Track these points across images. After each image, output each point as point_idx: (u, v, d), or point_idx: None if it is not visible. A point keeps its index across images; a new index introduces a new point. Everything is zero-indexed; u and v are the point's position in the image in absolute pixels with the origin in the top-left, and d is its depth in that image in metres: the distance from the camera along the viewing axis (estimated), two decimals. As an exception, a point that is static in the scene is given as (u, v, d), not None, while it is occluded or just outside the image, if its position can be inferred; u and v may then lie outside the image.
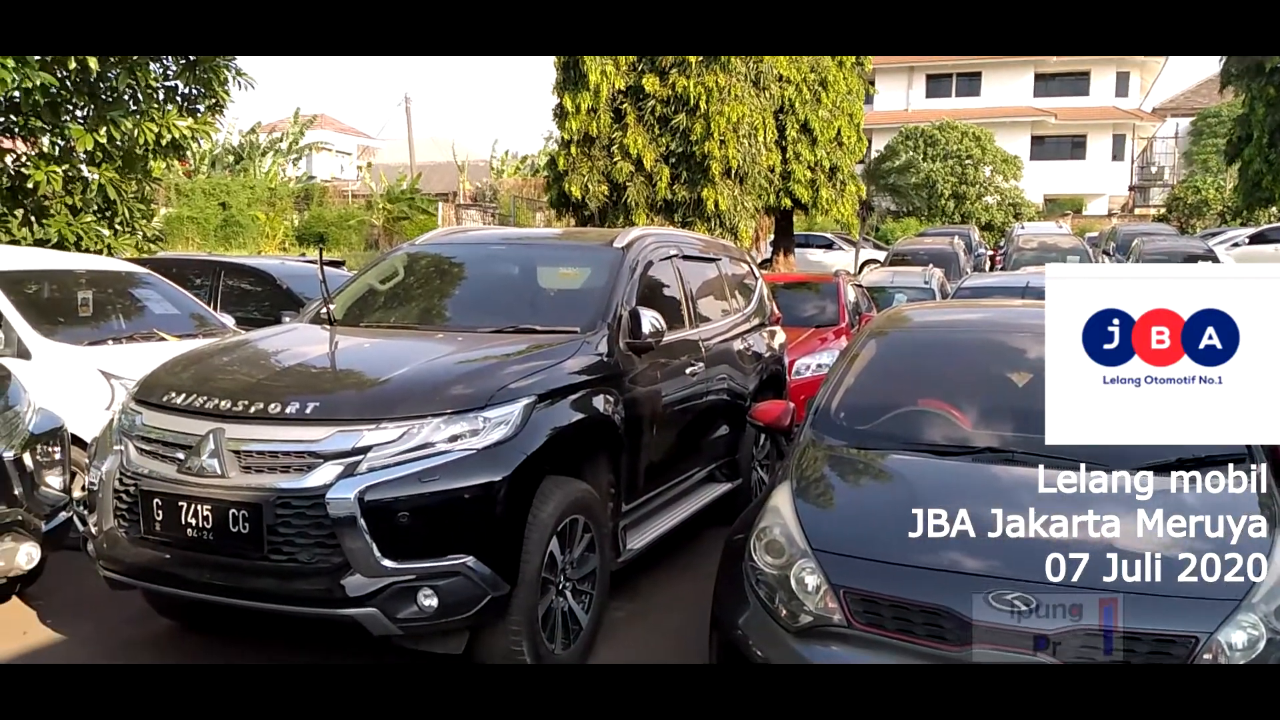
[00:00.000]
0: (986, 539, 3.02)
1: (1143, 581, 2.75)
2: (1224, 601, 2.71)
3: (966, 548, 2.93)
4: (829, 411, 3.84)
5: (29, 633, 4.33)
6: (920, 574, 2.83)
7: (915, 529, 3.00)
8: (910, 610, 2.76)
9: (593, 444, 4.18)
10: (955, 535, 3.00)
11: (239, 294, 8.30)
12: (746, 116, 14.91)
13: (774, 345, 6.61)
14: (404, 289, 5.23)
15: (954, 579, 2.80)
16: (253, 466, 3.43)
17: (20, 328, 5.50)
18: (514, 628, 3.58)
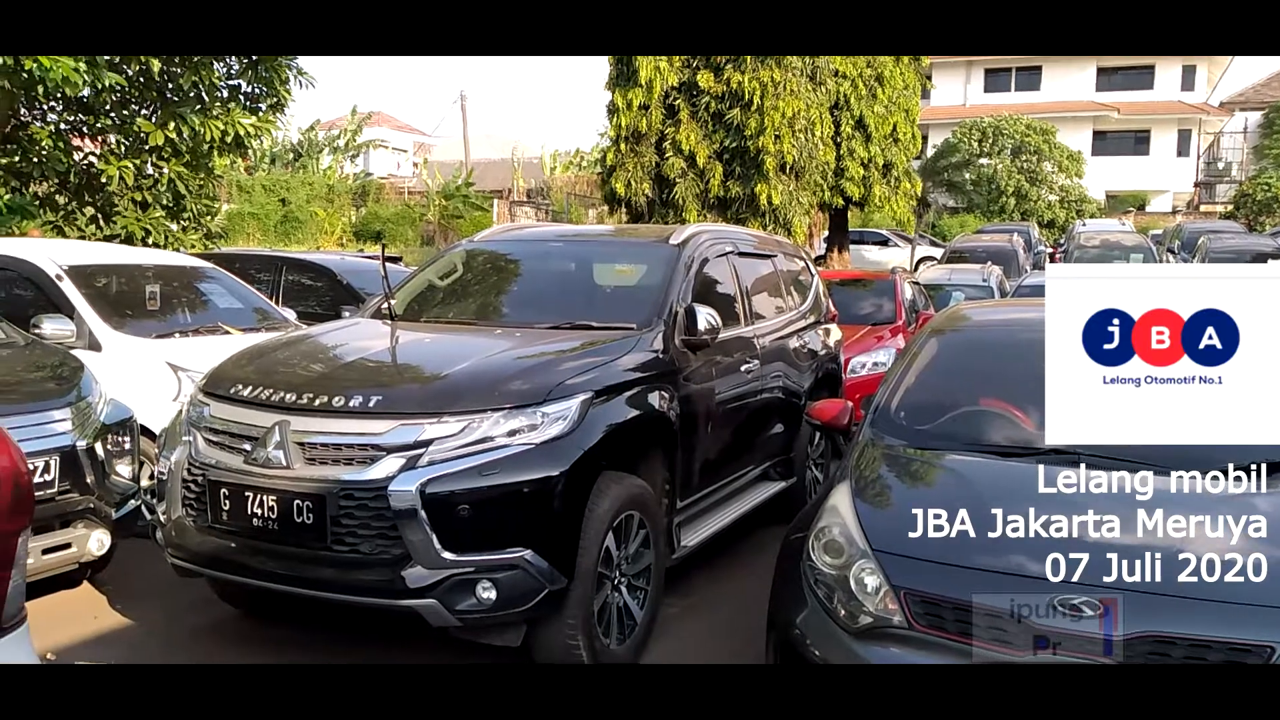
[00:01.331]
0: (1049, 540, 2.97)
1: (1215, 586, 2.68)
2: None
3: (1031, 550, 2.88)
4: (889, 410, 3.80)
5: (99, 617, 4.45)
6: (984, 576, 2.78)
7: (978, 530, 2.96)
8: (973, 613, 2.71)
9: (648, 440, 4.19)
10: (1020, 537, 2.95)
11: (300, 289, 8.44)
12: (802, 111, 14.80)
13: (830, 343, 6.56)
14: (463, 285, 5.28)
15: (1018, 582, 2.75)
16: (317, 458, 3.49)
17: (91, 321, 5.65)
18: (570, 621, 3.60)
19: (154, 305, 6.17)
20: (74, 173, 11.37)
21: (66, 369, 4.69)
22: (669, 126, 15.14)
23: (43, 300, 5.74)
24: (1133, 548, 3.00)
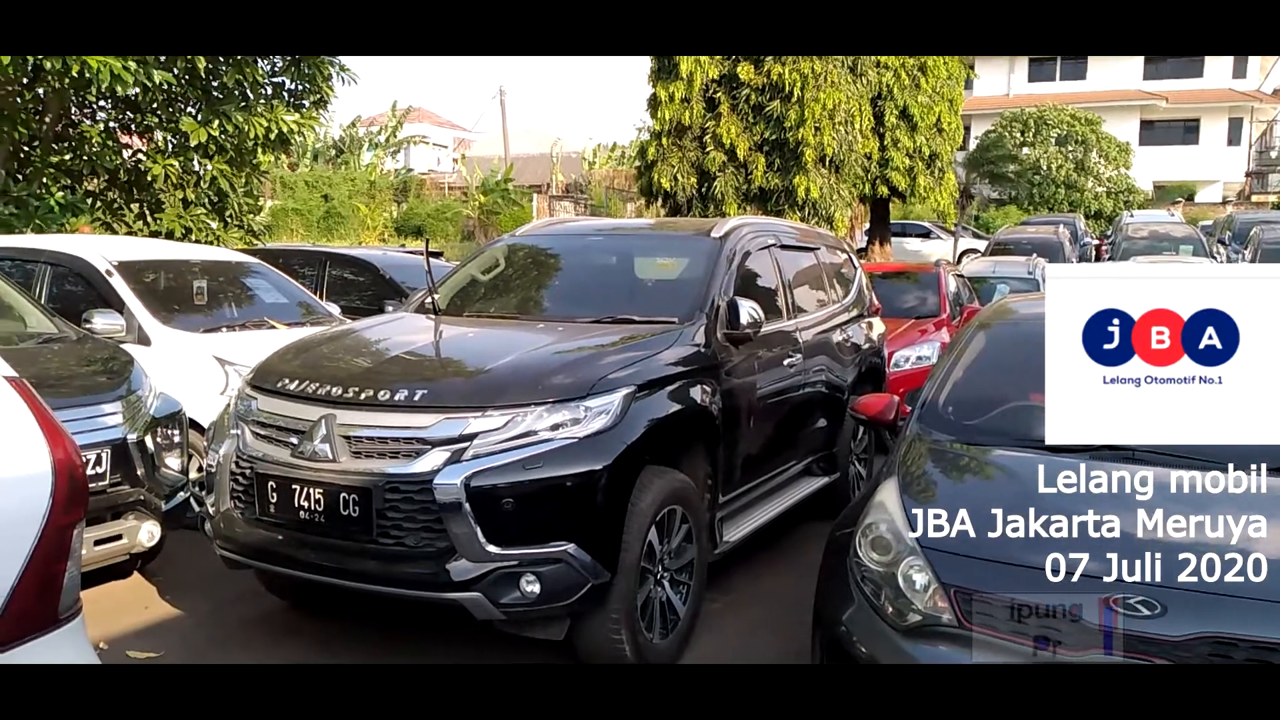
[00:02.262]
0: (1105, 539, 2.91)
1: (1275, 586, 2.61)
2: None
3: (1085, 548, 2.82)
4: (936, 405, 3.74)
5: (149, 608, 4.53)
6: (1037, 574, 2.72)
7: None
8: (1025, 612, 2.66)
9: (690, 435, 4.17)
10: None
11: (343, 283, 8.53)
12: (843, 103, 14.65)
13: (873, 336, 6.49)
14: (505, 279, 5.29)
15: (1072, 580, 2.69)
16: (363, 452, 3.51)
17: (141, 315, 5.75)
18: (614, 616, 3.59)
19: (201, 300, 6.26)
20: (123, 170, 11.58)
21: (117, 363, 4.76)
22: (709, 119, 15.07)
23: (93, 295, 5.84)
24: (1187, 546, 2.93)
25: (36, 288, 5.93)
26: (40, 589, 1.79)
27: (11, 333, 4.86)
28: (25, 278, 5.93)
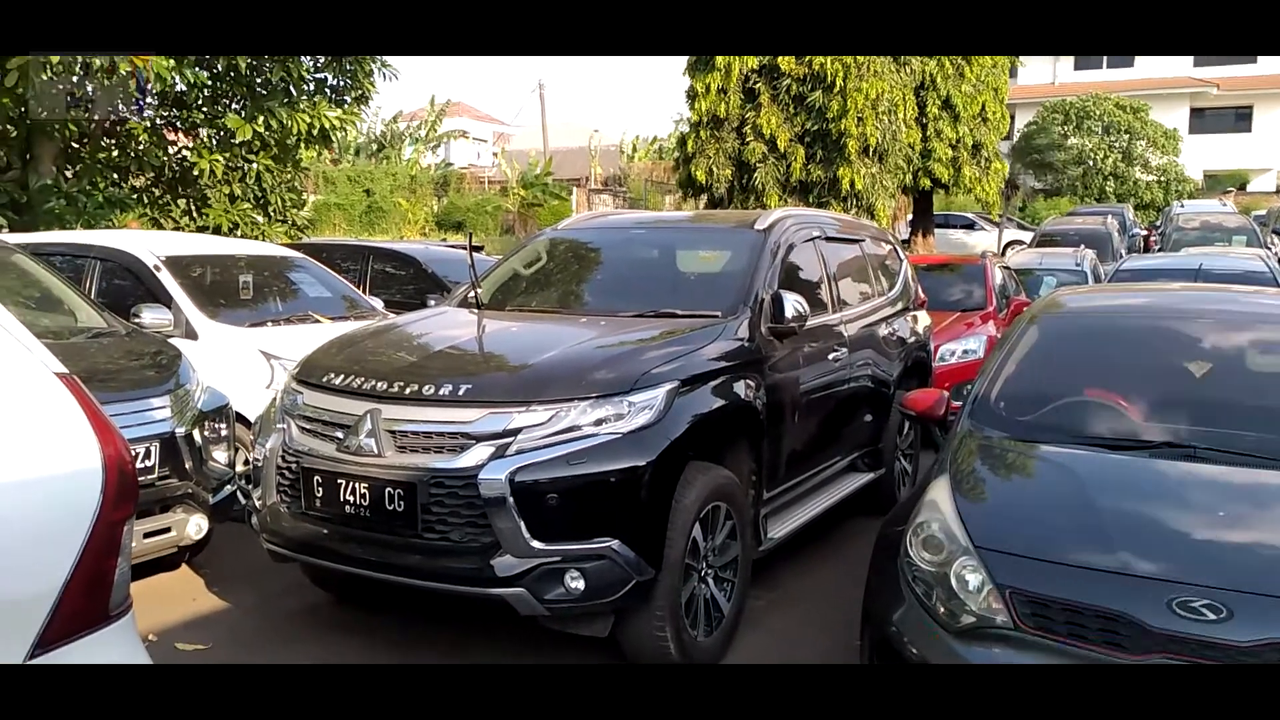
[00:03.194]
0: (1168, 541, 2.82)
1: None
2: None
3: (1146, 549, 2.74)
4: (988, 401, 3.66)
5: (197, 600, 4.57)
6: (1096, 576, 2.65)
7: (1089, 528, 2.83)
8: (1085, 615, 2.58)
9: (734, 430, 4.12)
10: (1133, 535, 2.81)
11: (386, 277, 8.58)
12: (886, 93, 14.46)
13: (919, 330, 6.39)
14: (547, 273, 5.27)
15: (1133, 583, 2.61)
16: (408, 446, 3.51)
17: (188, 310, 5.81)
18: (658, 613, 3.56)
19: (247, 294, 6.32)
20: (169, 166, 11.75)
21: (165, 357, 4.81)
22: (749, 110, 14.94)
23: (141, 290, 5.91)
24: (1254, 547, 2.84)
25: (86, 282, 6.01)
26: (91, 586, 1.79)
27: (62, 327, 4.93)
28: (75, 272, 6.02)
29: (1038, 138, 31.42)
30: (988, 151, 16.89)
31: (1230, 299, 4.51)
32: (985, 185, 17.10)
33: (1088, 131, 30.81)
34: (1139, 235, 21.41)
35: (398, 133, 32.57)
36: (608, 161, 34.13)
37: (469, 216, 26.78)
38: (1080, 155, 30.60)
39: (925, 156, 16.22)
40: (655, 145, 35.93)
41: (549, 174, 29.77)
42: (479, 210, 27.50)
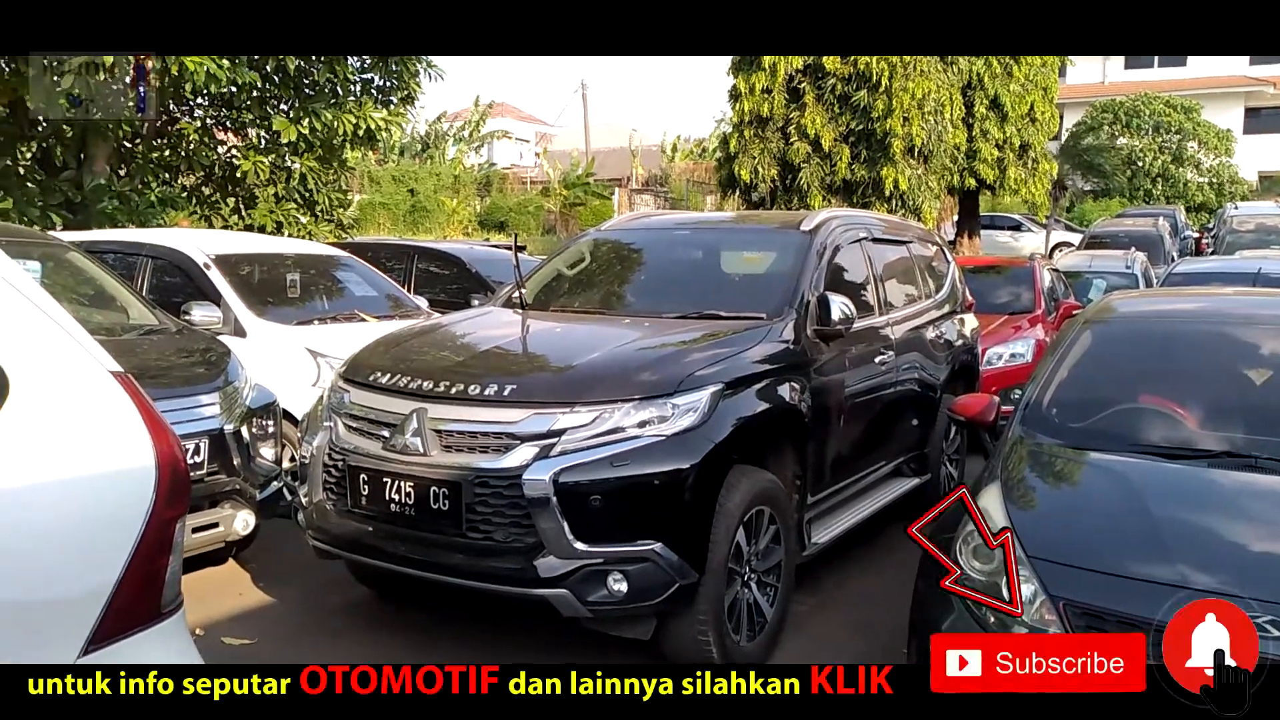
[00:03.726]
0: (1229, 553, 2.74)
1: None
2: None
3: (1205, 562, 2.66)
4: (1040, 406, 3.58)
5: (243, 594, 4.63)
6: (1153, 589, 2.57)
7: (1146, 539, 2.76)
8: (1141, 629, 2.51)
9: (778, 434, 4.08)
10: (1192, 547, 2.73)
11: (430, 276, 8.63)
12: (932, 92, 14.28)
13: (966, 333, 6.30)
14: (590, 274, 5.27)
15: (1192, 597, 2.53)
16: (453, 446, 3.52)
17: (237, 308, 5.88)
18: (701, 617, 3.54)
19: (294, 293, 6.39)
20: (217, 166, 11.94)
21: (214, 354, 4.87)
22: (793, 110, 14.84)
23: (191, 288, 6.00)
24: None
25: (138, 280, 6.11)
26: (143, 584, 1.80)
27: (115, 324, 5.01)
28: (127, 270, 6.12)
29: (1086, 138, 30.87)
30: (1035, 152, 16.62)
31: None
32: (1032, 186, 16.82)
33: (1137, 131, 30.23)
34: (1191, 238, 20.95)
35: (441, 133, 32.82)
36: (649, 161, 34.12)
37: (511, 216, 26.93)
38: (1130, 156, 30.03)
39: (971, 157, 15.99)
40: (699, 146, 35.82)
41: (590, 174, 29.84)
42: (521, 210, 27.65)
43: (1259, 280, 7.42)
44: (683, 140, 36.24)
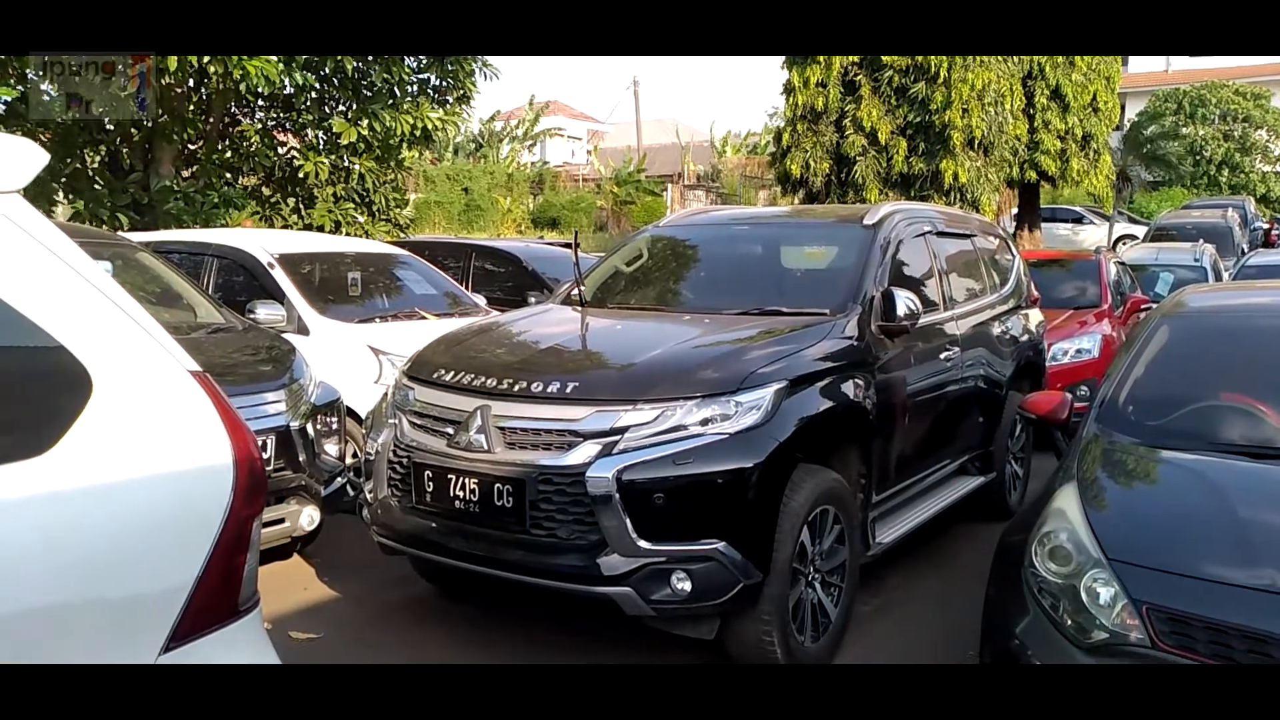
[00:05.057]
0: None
1: None
2: None
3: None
4: (1116, 404, 3.48)
5: (308, 589, 4.69)
6: (1241, 594, 2.49)
7: (1232, 541, 2.66)
8: (1230, 634, 2.43)
9: (843, 432, 4.02)
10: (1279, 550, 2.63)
11: (487, 274, 8.67)
12: (992, 83, 14.00)
13: (1031, 328, 6.16)
14: (649, 271, 5.24)
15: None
16: (517, 443, 3.52)
17: (300, 306, 5.96)
18: (765, 617, 3.50)
19: (355, 291, 6.45)
20: (278, 167, 12.12)
21: (279, 352, 4.94)
22: (849, 103, 14.66)
23: (255, 286, 6.10)
24: None
25: (204, 279, 6.23)
26: (222, 582, 1.82)
27: (182, 322, 5.10)
28: (194, 269, 6.24)
29: (1150, 127, 30.10)
30: (1097, 143, 16.20)
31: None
32: (1094, 178, 16.42)
33: (1202, 120, 29.39)
34: (1261, 229, 20.32)
35: (495, 131, 33.04)
36: (700, 157, 33.99)
37: (564, 214, 27.02)
38: (1194, 145, 29.20)
39: (1032, 148, 15.65)
40: (747, 140, 35.56)
41: (642, 170, 29.82)
42: (573, 208, 27.73)
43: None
44: (733, 135, 36.04)
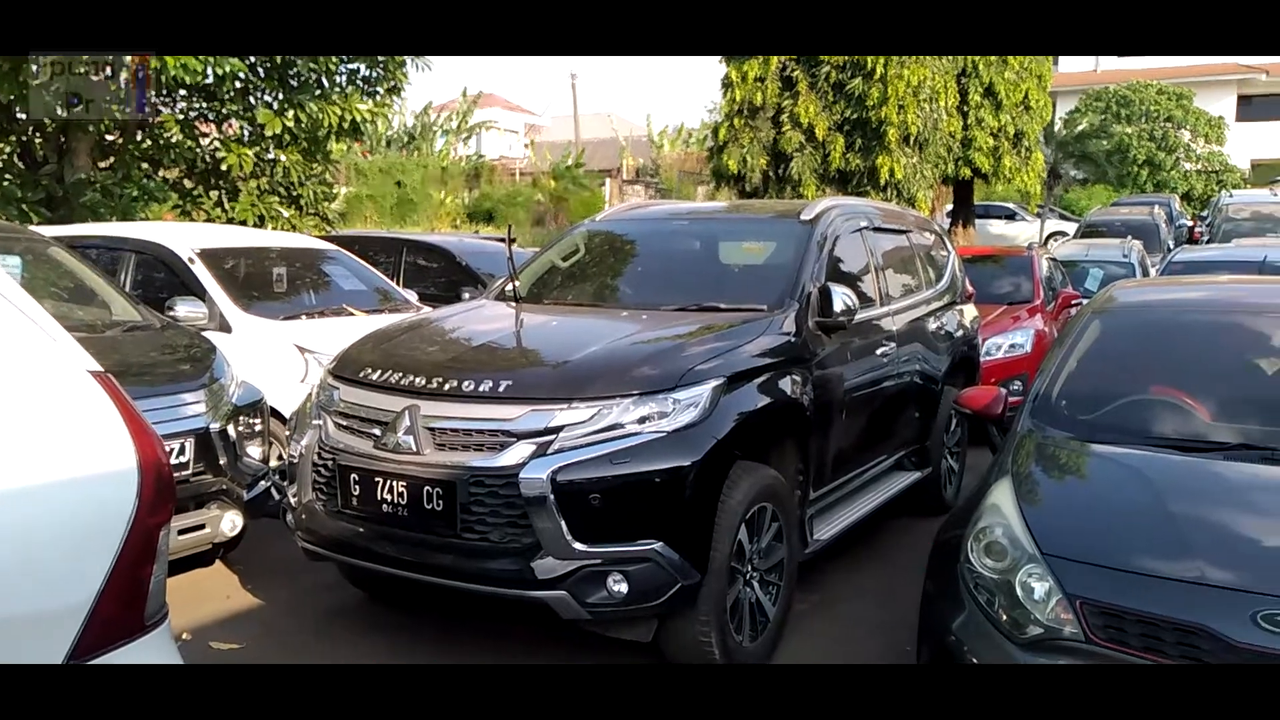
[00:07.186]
0: (1250, 549, 2.67)
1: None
2: None
3: (1225, 559, 2.59)
4: (1049, 399, 3.50)
5: (231, 597, 4.52)
6: (1173, 587, 2.50)
7: (1164, 535, 2.67)
8: (1162, 627, 2.43)
9: (781, 428, 3.99)
10: (1212, 543, 2.65)
11: (419, 270, 8.50)
12: (927, 80, 14.16)
13: (966, 324, 6.21)
14: (586, 266, 5.16)
15: (1213, 594, 2.46)
16: (447, 444, 3.41)
17: (222, 303, 5.75)
18: (703, 617, 3.45)
19: (281, 287, 6.26)
20: (200, 159, 11.75)
21: (199, 351, 4.76)
22: (786, 99, 14.71)
23: (176, 283, 5.88)
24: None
25: (121, 275, 5.99)
26: (126, 595, 1.71)
27: (97, 320, 4.89)
28: (110, 265, 5.99)
29: (1079, 126, 30.88)
30: (1029, 141, 16.53)
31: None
32: (1025, 175, 16.74)
33: (1129, 119, 30.24)
34: (1185, 226, 20.94)
35: (429, 124, 32.60)
36: (639, 152, 33.95)
37: (500, 208, 26.74)
38: (1121, 144, 30.04)
39: (966, 145, 15.90)
40: (682, 133, 35.55)
41: (580, 165, 29.67)
42: (510, 202, 27.45)
43: (1265, 268, 7.35)
44: (672, 130, 36.04)
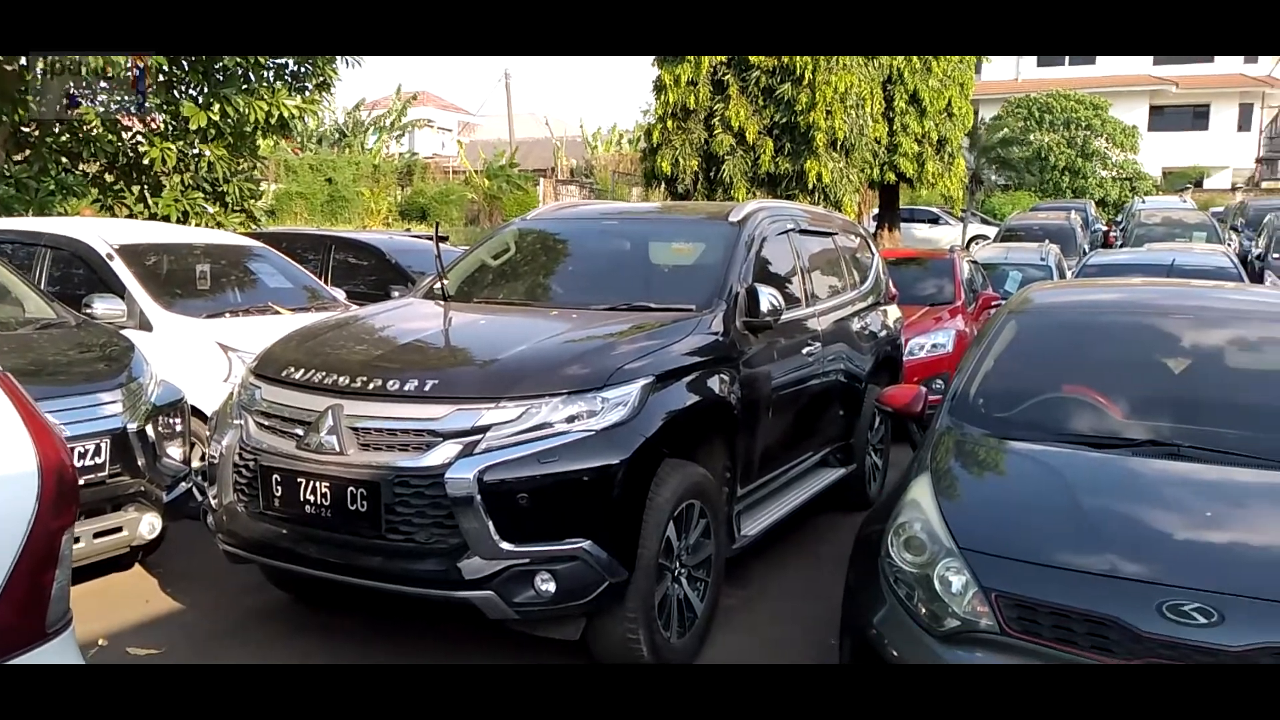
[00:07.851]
0: (1158, 542, 2.77)
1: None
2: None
3: (1134, 551, 2.68)
4: (967, 397, 3.59)
5: (150, 601, 4.40)
6: (1083, 579, 2.58)
7: (1076, 529, 2.77)
8: (1073, 619, 2.52)
9: (709, 426, 4.03)
10: (1120, 537, 2.75)
11: (348, 268, 8.38)
12: (854, 86, 14.41)
13: (890, 324, 6.34)
14: (516, 265, 5.14)
15: (1121, 585, 2.55)
16: (371, 444, 3.37)
17: (142, 300, 5.60)
18: (630, 615, 3.46)
19: (204, 285, 6.12)
20: (122, 153, 11.40)
21: (117, 349, 4.63)
22: (717, 102, 14.84)
23: (94, 279, 5.70)
24: (1242, 549, 2.80)
25: (36, 271, 5.79)
26: (26, 601, 1.66)
27: (9, 317, 4.73)
28: (25, 261, 5.80)
29: (1000, 133, 31.73)
30: (952, 146, 16.94)
31: (1206, 294, 4.49)
32: (948, 180, 17.15)
33: (1049, 127, 31.15)
34: (1100, 231, 21.64)
35: (360, 121, 32.11)
36: (574, 152, 33.90)
37: (433, 206, 26.45)
38: (1040, 151, 30.93)
39: (891, 151, 16.22)
40: (614, 133, 35.56)
41: (514, 164, 29.51)
42: (443, 200, 27.18)
43: (1173, 271, 7.65)
44: (604, 131, 36.04)
